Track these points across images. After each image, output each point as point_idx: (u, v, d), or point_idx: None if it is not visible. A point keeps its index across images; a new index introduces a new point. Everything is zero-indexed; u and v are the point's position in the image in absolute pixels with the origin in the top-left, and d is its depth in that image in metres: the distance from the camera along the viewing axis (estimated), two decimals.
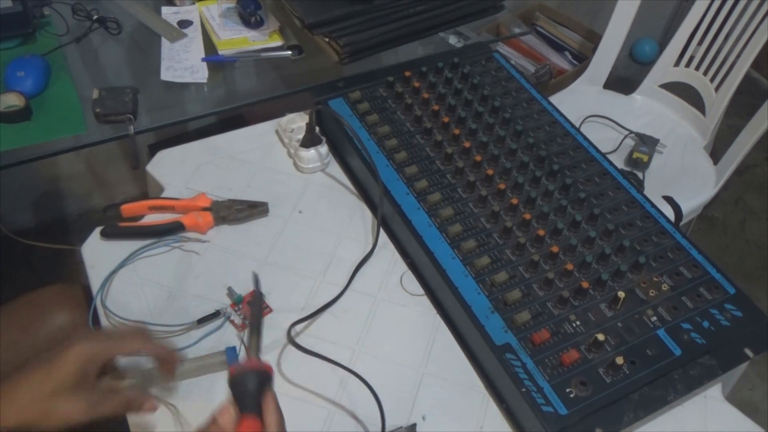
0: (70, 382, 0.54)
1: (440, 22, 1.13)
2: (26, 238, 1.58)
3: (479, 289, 0.74)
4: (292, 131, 0.94)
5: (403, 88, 0.97)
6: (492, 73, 1.02)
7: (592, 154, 0.91)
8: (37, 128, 0.95)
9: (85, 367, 0.56)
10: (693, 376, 0.69)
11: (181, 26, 1.15)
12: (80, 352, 0.56)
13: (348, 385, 0.71)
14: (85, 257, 0.80)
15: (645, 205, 0.85)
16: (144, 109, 1.00)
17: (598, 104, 1.54)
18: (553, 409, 0.65)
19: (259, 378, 0.56)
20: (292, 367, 0.72)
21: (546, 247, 0.78)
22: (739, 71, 1.39)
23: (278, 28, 1.15)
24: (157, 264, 0.80)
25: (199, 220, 0.83)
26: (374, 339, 0.75)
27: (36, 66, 1.00)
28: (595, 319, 0.72)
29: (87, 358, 0.56)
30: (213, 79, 1.07)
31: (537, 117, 0.95)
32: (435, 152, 0.89)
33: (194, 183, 0.90)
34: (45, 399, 0.54)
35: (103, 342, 0.58)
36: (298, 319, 0.75)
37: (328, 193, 0.91)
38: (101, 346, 0.57)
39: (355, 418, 0.68)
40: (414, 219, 0.81)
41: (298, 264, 0.82)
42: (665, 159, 1.45)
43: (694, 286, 0.77)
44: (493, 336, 0.70)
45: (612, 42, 1.54)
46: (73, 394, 0.55)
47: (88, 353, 0.56)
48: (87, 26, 1.12)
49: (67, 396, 0.54)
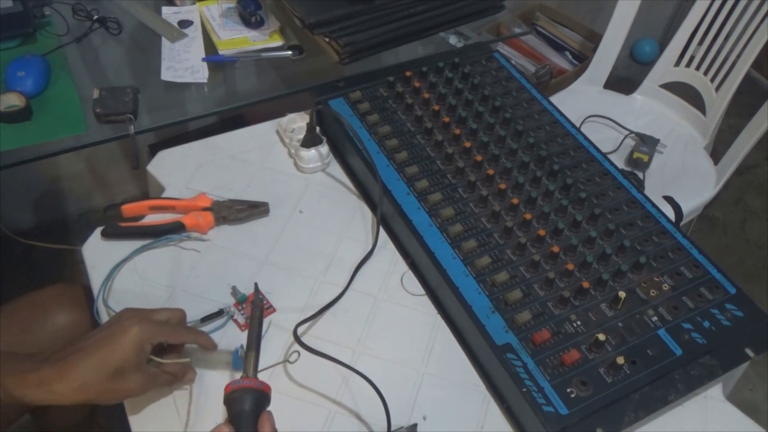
0: (130, 363, 0.60)
1: (440, 22, 1.13)
2: (27, 238, 1.58)
3: (480, 289, 0.74)
4: (292, 131, 0.94)
5: (404, 88, 0.97)
6: (492, 73, 1.02)
7: (592, 154, 0.91)
8: (37, 128, 0.95)
9: (141, 349, 0.61)
10: (694, 376, 0.69)
11: (182, 26, 1.15)
12: (137, 336, 0.60)
13: (350, 385, 0.71)
14: (86, 257, 0.80)
15: (645, 205, 0.85)
16: (144, 109, 1.00)
17: (599, 104, 1.54)
18: (554, 409, 0.65)
19: (256, 398, 0.56)
20: (294, 367, 0.72)
21: (547, 247, 0.78)
22: (740, 71, 1.39)
23: (278, 28, 1.15)
24: (158, 264, 0.80)
25: (200, 220, 0.83)
26: (375, 339, 0.75)
27: (36, 66, 1.00)
28: (595, 319, 0.72)
29: (143, 341, 0.61)
30: (213, 79, 1.07)
31: (537, 117, 0.95)
32: (436, 152, 0.89)
33: (195, 183, 0.90)
34: (107, 379, 0.59)
35: (157, 328, 0.63)
36: (302, 319, 0.75)
37: (329, 193, 0.91)
38: (155, 331, 0.62)
39: (359, 418, 0.69)
40: (415, 219, 0.81)
41: (299, 264, 0.82)
42: (665, 159, 1.45)
43: (695, 286, 0.77)
44: (494, 336, 0.70)
45: (612, 42, 1.54)
46: (131, 373, 0.60)
47: (144, 337, 0.61)
48: (87, 26, 1.12)
49: (126, 375, 0.60)
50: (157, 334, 0.62)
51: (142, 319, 0.62)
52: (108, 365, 0.59)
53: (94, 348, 0.60)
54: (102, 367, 0.59)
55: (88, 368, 0.58)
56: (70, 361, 0.59)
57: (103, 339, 0.60)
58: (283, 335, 0.74)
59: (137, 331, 0.60)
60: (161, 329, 0.63)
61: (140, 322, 0.61)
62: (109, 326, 0.62)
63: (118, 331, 0.61)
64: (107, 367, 0.59)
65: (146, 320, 0.63)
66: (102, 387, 0.59)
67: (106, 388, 0.59)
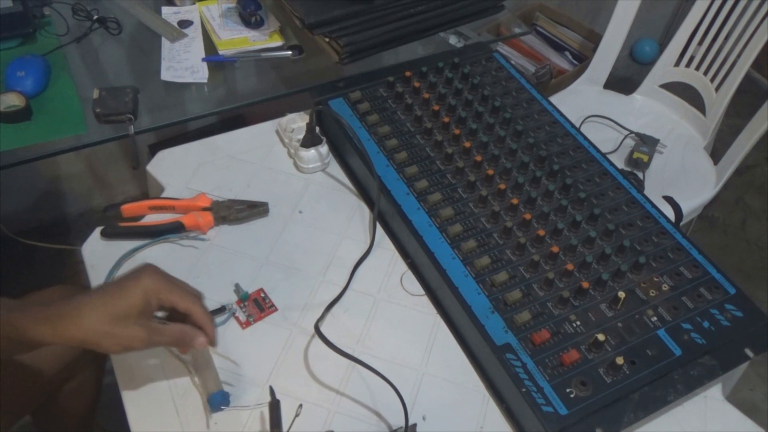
0: (135, 311, 0.59)
1: (440, 22, 1.13)
2: (27, 239, 1.58)
3: (479, 289, 0.74)
4: (292, 131, 0.94)
5: (404, 88, 0.97)
6: (492, 73, 1.02)
7: (592, 154, 0.91)
8: (37, 128, 0.95)
9: (149, 300, 0.61)
10: (693, 376, 0.69)
11: (182, 26, 1.15)
12: (148, 286, 0.61)
13: (350, 385, 0.71)
14: (86, 257, 0.80)
15: (645, 205, 0.85)
16: (144, 109, 1.00)
17: (599, 104, 1.54)
18: (554, 409, 0.65)
19: None
20: (294, 367, 0.72)
21: (546, 247, 0.78)
22: (740, 71, 1.39)
23: (278, 28, 1.15)
24: (158, 264, 0.79)
25: (200, 220, 0.83)
26: (374, 339, 0.75)
27: (36, 66, 1.00)
28: (595, 319, 0.72)
29: (153, 293, 0.61)
30: (213, 79, 1.07)
31: (537, 117, 0.95)
32: (435, 152, 0.89)
33: (194, 183, 0.90)
34: (110, 322, 0.59)
35: (169, 285, 0.63)
36: (302, 318, 0.76)
37: (329, 193, 0.91)
38: (166, 287, 0.62)
39: (359, 419, 0.69)
40: (414, 219, 0.81)
41: (299, 264, 0.82)
42: (665, 159, 1.45)
43: (695, 286, 0.77)
44: (494, 336, 0.70)
45: (612, 42, 1.54)
46: (135, 322, 0.60)
47: (154, 289, 0.61)
48: (87, 26, 1.12)
49: (131, 323, 0.59)
50: (166, 291, 0.62)
51: (155, 272, 0.63)
52: (112, 308, 0.59)
53: (103, 291, 0.61)
54: (106, 309, 0.59)
55: (93, 310, 0.59)
56: (79, 300, 0.59)
57: (114, 284, 0.61)
58: (284, 334, 0.75)
59: (147, 282, 0.61)
60: (171, 288, 0.63)
61: (152, 275, 0.62)
62: (124, 275, 0.63)
63: (130, 278, 0.61)
64: (111, 310, 0.59)
65: (159, 274, 0.63)
66: (104, 330, 0.58)
67: (107, 331, 0.59)
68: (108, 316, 0.59)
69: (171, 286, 0.63)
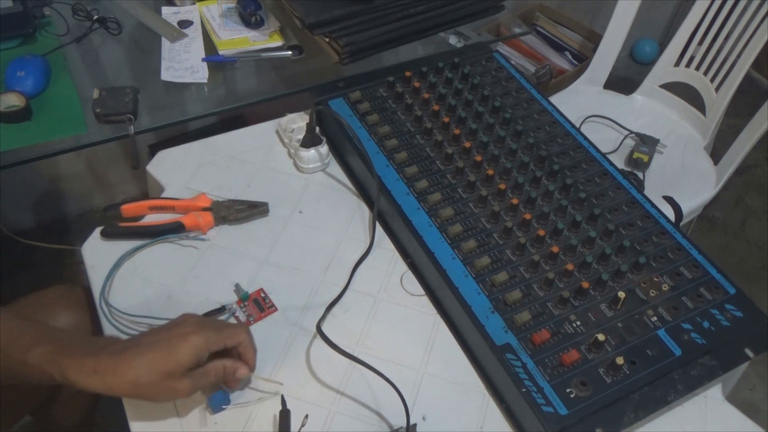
0: (185, 368, 0.61)
1: (440, 22, 1.13)
2: (26, 239, 1.58)
3: (479, 289, 0.74)
4: (292, 131, 0.94)
5: (404, 88, 0.97)
6: (492, 73, 1.02)
7: (592, 154, 0.91)
8: (37, 128, 0.95)
9: (199, 356, 0.62)
10: (693, 376, 0.69)
11: (182, 26, 1.15)
12: (197, 344, 0.62)
13: (350, 385, 0.71)
14: (86, 257, 0.80)
15: (645, 205, 0.85)
16: (144, 109, 1.00)
17: (599, 104, 1.54)
18: (554, 409, 0.65)
19: None
20: (294, 367, 0.72)
21: (546, 247, 0.78)
22: (740, 71, 1.39)
23: (278, 28, 1.15)
24: (158, 264, 0.80)
25: (200, 220, 0.83)
26: (374, 339, 0.75)
27: (36, 66, 1.00)
28: (595, 319, 0.72)
29: (202, 349, 0.62)
30: (213, 79, 1.07)
31: (537, 117, 0.95)
32: (435, 152, 0.89)
33: (194, 183, 0.90)
34: (160, 378, 0.60)
35: (216, 336, 0.64)
36: (304, 317, 0.76)
37: (329, 193, 0.91)
38: (215, 338, 0.63)
39: (359, 419, 0.69)
40: (414, 219, 0.81)
41: (299, 264, 0.82)
42: (665, 159, 1.45)
43: (695, 286, 0.77)
44: (494, 336, 0.70)
45: (612, 42, 1.54)
46: (184, 376, 0.61)
47: (203, 345, 0.62)
48: (87, 26, 1.12)
49: (179, 378, 0.61)
50: (215, 343, 0.63)
51: (201, 326, 0.63)
52: (162, 367, 0.60)
53: (152, 347, 0.61)
54: (156, 367, 0.60)
55: (142, 366, 0.59)
56: (127, 355, 0.60)
57: (161, 340, 0.62)
58: (284, 334, 0.75)
59: (196, 340, 0.62)
60: (219, 337, 0.64)
61: (200, 331, 0.63)
62: (170, 328, 0.63)
63: (178, 335, 0.62)
64: (161, 368, 0.60)
65: (205, 329, 0.63)
66: (152, 387, 0.60)
67: (156, 388, 0.60)
68: (158, 374, 0.60)
69: (218, 336, 0.64)
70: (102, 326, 0.74)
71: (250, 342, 0.67)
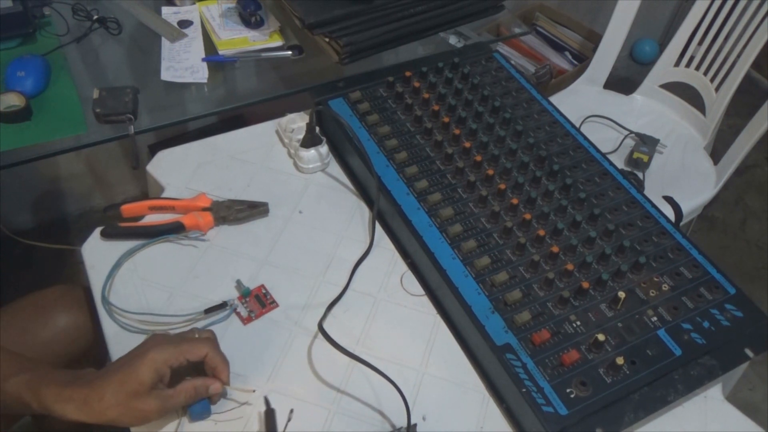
0: (147, 385, 0.61)
1: (440, 22, 1.13)
2: (26, 238, 1.58)
3: (479, 289, 0.74)
4: (292, 131, 0.94)
5: (404, 88, 0.97)
6: (492, 73, 1.02)
7: (592, 154, 0.91)
8: (37, 128, 0.95)
9: (159, 372, 0.62)
10: (693, 376, 0.69)
11: (182, 26, 1.15)
12: (155, 359, 0.62)
13: (350, 385, 0.71)
14: (86, 257, 0.80)
15: (645, 205, 0.85)
16: (144, 109, 1.00)
17: (599, 104, 1.54)
18: (554, 409, 0.65)
19: None
20: (294, 367, 0.72)
21: (546, 247, 0.78)
22: (740, 71, 1.39)
23: (278, 28, 1.15)
24: (158, 264, 0.80)
25: (200, 221, 0.83)
26: (375, 339, 0.75)
27: (36, 66, 1.00)
28: (595, 319, 0.72)
29: (161, 364, 0.62)
30: (213, 79, 1.07)
31: (537, 117, 0.95)
32: (435, 152, 0.89)
33: (194, 183, 0.90)
34: (125, 398, 0.61)
35: (175, 348, 0.64)
36: (305, 316, 0.76)
37: (329, 194, 0.91)
38: (173, 352, 0.63)
39: (359, 419, 0.69)
40: (414, 219, 0.81)
41: (299, 264, 0.82)
42: (665, 159, 1.45)
43: (695, 286, 0.77)
44: (494, 336, 0.70)
45: (612, 42, 1.54)
46: (148, 395, 0.61)
47: (161, 360, 0.62)
48: (87, 26, 1.12)
49: (144, 397, 0.61)
50: (174, 357, 0.63)
51: (159, 342, 0.64)
52: (125, 388, 0.61)
53: (116, 371, 0.62)
54: (120, 388, 0.61)
55: (109, 390, 0.61)
56: (98, 382, 0.61)
57: (124, 362, 0.63)
58: (284, 334, 0.75)
59: (154, 356, 0.62)
60: (178, 351, 0.64)
61: (157, 346, 0.63)
62: (134, 350, 0.64)
63: (137, 354, 0.63)
64: (125, 389, 0.61)
65: (163, 343, 0.64)
66: (120, 409, 0.61)
67: (124, 409, 0.61)
68: (123, 395, 0.61)
69: (177, 350, 0.64)
70: (102, 326, 0.74)
71: (216, 355, 0.66)
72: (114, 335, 0.73)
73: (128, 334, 0.73)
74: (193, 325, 0.74)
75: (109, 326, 0.74)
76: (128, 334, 0.73)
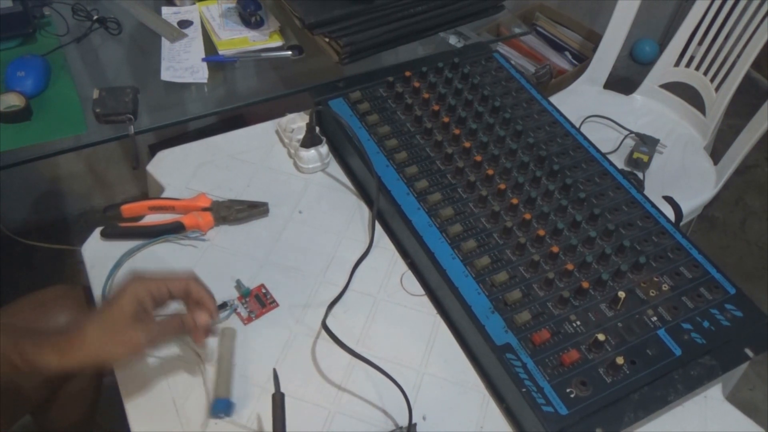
0: (128, 314, 0.61)
1: (440, 22, 1.13)
2: (26, 238, 1.58)
3: (479, 289, 0.74)
4: (292, 131, 0.94)
5: (404, 88, 0.97)
6: (492, 73, 1.02)
7: (592, 154, 0.91)
8: (37, 128, 0.95)
9: (141, 302, 0.62)
10: (693, 376, 0.69)
11: (182, 26, 1.15)
12: (135, 291, 0.62)
13: (350, 385, 0.71)
14: (86, 257, 0.80)
15: (645, 205, 0.85)
16: (144, 109, 1.00)
17: (598, 104, 1.54)
18: (554, 409, 0.65)
19: None
20: (294, 367, 0.72)
21: (546, 247, 0.78)
22: (739, 71, 1.39)
23: (278, 28, 1.15)
24: (158, 264, 0.80)
25: (200, 221, 0.83)
26: (375, 339, 0.75)
27: (36, 66, 1.00)
28: (595, 319, 0.72)
29: (142, 295, 0.62)
30: (213, 79, 1.07)
31: (537, 117, 0.95)
32: (435, 152, 0.89)
33: (194, 183, 0.90)
34: (110, 334, 0.61)
35: (155, 281, 0.64)
36: (305, 315, 0.76)
37: (329, 194, 0.91)
38: (154, 282, 0.64)
39: (359, 419, 0.69)
40: (414, 219, 0.81)
41: (299, 264, 0.82)
42: (665, 159, 1.45)
43: (695, 286, 0.77)
44: (494, 336, 0.70)
45: (612, 42, 1.54)
46: (132, 326, 0.61)
47: (142, 289, 0.63)
48: (87, 26, 1.12)
49: (128, 327, 0.61)
50: (155, 287, 0.64)
51: (140, 276, 0.64)
52: (108, 323, 0.61)
53: (98, 312, 0.63)
54: (104, 325, 0.61)
55: (91, 328, 0.61)
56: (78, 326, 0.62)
57: (105, 303, 0.64)
58: (285, 334, 0.75)
59: (134, 288, 0.62)
60: (159, 282, 0.64)
61: (137, 279, 0.63)
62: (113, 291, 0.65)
63: (118, 290, 0.63)
64: (108, 324, 0.61)
65: (144, 277, 0.64)
66: (106, 345, 0.61)
67: (110, 345, 0.61)
68: (106, 330, 0.61)
69: (158, 281, 0.64)
70: None
71: (199, 287, 0.66)
72: None
73: None
74: None
75: None
76: None
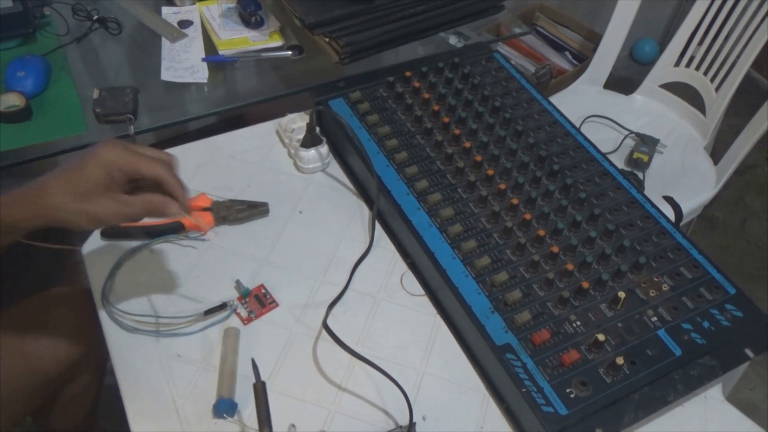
0: (97, 185, 0.59)
1: (440, 22, 1.13)
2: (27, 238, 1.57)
3: (479, 290, 0.74)
4: (292, 131, 0.94)
5: (404, 88, 0.96)
6: (492, 73, 1.02)
7: (592, 154, 0.91)
8: (37, 128, 0.95)
9: (110, 173, 0.59)
10: (693, 376, 0.69)
11: (182, 26, 1.15)
12: (104, 157, 0.59)
13: (350, 385, 0.71)
14: (86, 257, 0.80)
15: (645, 205, 0.85)
16: (144, 109, 1.00)
17: (599, 104, 1.54)
18: (554, 409, 0.65)
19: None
20: (294, 367, 0.72)
21: (546, 248, 0.78)
22: (740, 71, 1.39)
23: (278, 28, 1.15)
24: (158, 264, 0.80)
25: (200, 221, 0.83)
26: (375, 339, 0.75)
27: (36, 66, 1.00)
28: (595, 319, 0.72)
29: (112, 164, 0.59)
30: (213, 79, 1.07)
31: (537, 117, 0.95)
32: (435, 152, 0.89)
33: (194, 183, 0.90)
34: (75, 198, 0.58)
35: (128, 154, 0.60)
36: (305, 315, 0.76)
37: (329, 194, 0.91)
38: (125, 155, 0.60)
39: (359, 419, 0.69)
40: (414, 219, 0.81)
41: (299, 264, 0.82)
42: (665, 159, 1.45)
43: (695, 286, 0.77)
44: (494, 336, 0.70)
45: (612, 42, 1.54)
46: (101, 195, 0.59)
47: (111, 159, 0.59)
48: (87, 26, 1.12)
49: (96, 197, 0.59)
50: (127, 160, 0.60)
51: (115, 143, 0.61)
52: (74, 186, 0.58)
53: (65, 169, 0.59)
54: (69, 186, 0.58)
55: (57, 185, 0.58)
56: (43, 180, 0.59)
57: (74, 161, 0.60)
58: (284, 334, 0.75)
59: (105, 154, 0.59)
60: (134, 156, 0.60)
61: (111, 146, 0.60)
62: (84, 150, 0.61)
63: (88, 153, 0.60)
64: (73, 187, 0.58)
65: (119, 145, 0.61)
66: (71, 207, 0.58)
67: (75, 209, 0.59)
68: (71, 194, 0.58)
69: (133, 155, 0.61)
70: (103, 326, 0.74)
71: (172, 177, 0.63)
72: (115, 335, 0.73)
73: (129, 334, 0.73)
74: (194, 324, 0.74)
75: (109, 326, 0.74)
76: (129, 335, 0.73)
